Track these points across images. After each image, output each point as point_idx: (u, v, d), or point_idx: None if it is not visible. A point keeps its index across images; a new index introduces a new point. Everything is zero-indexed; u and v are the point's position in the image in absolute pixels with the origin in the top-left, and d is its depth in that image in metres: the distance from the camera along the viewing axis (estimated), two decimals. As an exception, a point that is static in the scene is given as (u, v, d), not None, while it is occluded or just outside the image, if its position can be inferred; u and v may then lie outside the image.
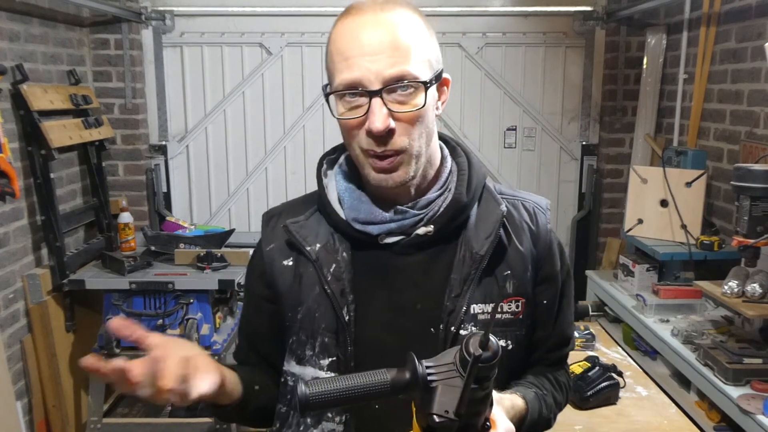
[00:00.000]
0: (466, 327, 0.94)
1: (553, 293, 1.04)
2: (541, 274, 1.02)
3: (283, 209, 1.06)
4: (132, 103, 3.27)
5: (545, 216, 1.04)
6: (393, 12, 0.88)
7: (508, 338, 0.98)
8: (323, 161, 1.05)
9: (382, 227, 0.95)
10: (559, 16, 3.40)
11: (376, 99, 0.86)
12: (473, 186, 0.98)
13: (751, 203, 1.95)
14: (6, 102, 2.47)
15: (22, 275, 2.57)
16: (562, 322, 1.07)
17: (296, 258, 1.00)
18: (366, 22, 0.87)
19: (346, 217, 0.97)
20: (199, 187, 3.54)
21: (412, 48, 0.87)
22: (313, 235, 0.99)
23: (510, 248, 0.99)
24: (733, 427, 1.98)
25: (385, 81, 0.86)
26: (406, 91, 0.87)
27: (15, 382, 2.50)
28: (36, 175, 2.56)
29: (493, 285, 0.97)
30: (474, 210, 0.99)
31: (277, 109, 3.46)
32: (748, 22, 2.53)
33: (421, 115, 0.89)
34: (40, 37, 2.74)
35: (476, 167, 1.01)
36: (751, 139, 2.51)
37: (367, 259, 0.97)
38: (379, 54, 0.86)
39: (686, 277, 2.63)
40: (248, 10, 3.34)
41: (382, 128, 0.86)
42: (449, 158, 1.02)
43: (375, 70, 0.86)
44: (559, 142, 3.54)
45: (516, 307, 0.98)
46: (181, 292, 2.59)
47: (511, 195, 1.05)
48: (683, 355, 2.23)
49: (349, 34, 0.88)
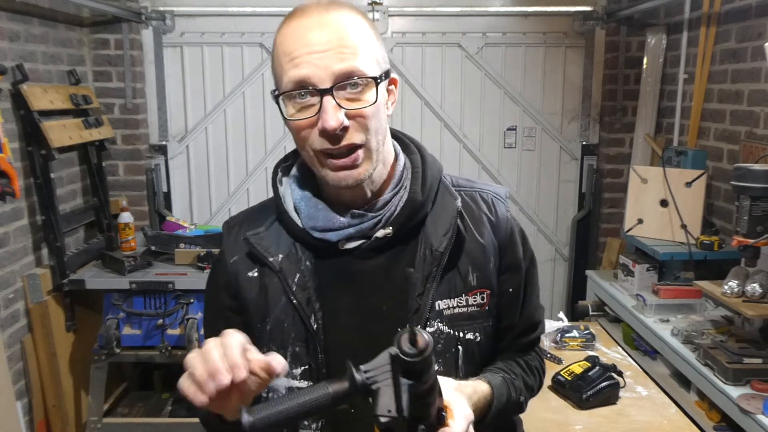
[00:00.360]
0: (432, 324, 0.95)
1: (518, 281, 1.04)
2: (504, 263, 1.02)
3: (244, 219, 1.05)
4: (132, 103, 3.27)
5: (504, 205, 1.05)
6: (338, 13, 0.89)
7: (477, 331, 0.99)
8: (278, 169, 1.04)
9: (341, 233, 0.95)
10: (559, 16, 3.40)
11: (327, 97, 0.86)
12: (428, 183, 0.98)
13: (751, 203, 1.95)
14: (6, 102, 2.47)
15: (22, 275, 2.57)
16: (528, 308, 1.07)
17: (260, 269, 0.99)
18: (312, 22, 0.87)
19: (304, 225, 0.97)
20: (199, 187, 3.54)
21: (360, 46, 0.88)
22: (275, 246, 0.98)
23: (470, 241, 0.99)
24: (733, 427, 1.98)
25: (335, 77, 0.86)
26: (357, 88, 0.87)
27: (15, 382, 2.50)
28: (36, 175, 2.56)
29: (456, 279, 0.97)
30: (431, 207, 0.99)
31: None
32: (748, 22, 2.53)
33: (374, 112, 0.89)
34: (40, 37, 2.74)
35: (430, 163, 1.01)
36: (751, 139, 2.51)
37: (330, 266, 0.97)
38: (327, 51, 0.86)
39: (686, 277, 2.63)
40: (248, 10, 3.34)
41: (335, 125, 0.85)
42: (402, 155, 1.02)
43: (323, 66, 0.85)
44: (559, 142, 3.54)
45: (482, 299, 0.99)
46: (181, 291, 2.59)
47: (468, 187, 1.05)
48: (683, 355, 2.23)
49: (295, 35, 0.87)
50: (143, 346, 2.62)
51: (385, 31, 3.37)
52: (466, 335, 0.98)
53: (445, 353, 0.97)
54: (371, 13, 3.34)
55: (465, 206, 1.01)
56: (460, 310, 0.97)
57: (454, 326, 0.97)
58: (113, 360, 2.64)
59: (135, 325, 2.62)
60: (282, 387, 0.97)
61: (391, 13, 3.36)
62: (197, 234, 2.97)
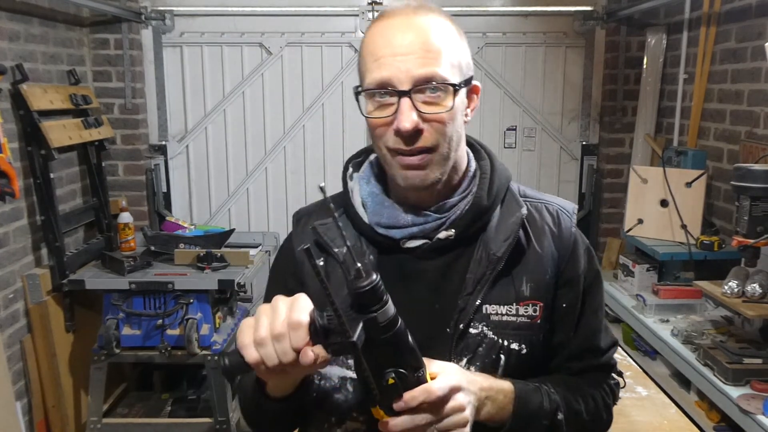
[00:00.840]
0: (476, 326, 0.95)
1: (574, 297, 1.01)
2: (563, 277, 1.00)
3: (313, 210, 1.08)
4: (132, 103, 3.27)
5: (570, 219, 1.03)
6: (425, 16, 0.90)
7: (522, 342, 0.96)
8: (349, 164, 1.06)
9: (404, 231, 0.96)
10: (559, 16, 3.40)
11: (405, 99, 0.88)
12: (494, 189, 0.99)
13: (751, 203, 1.95)
14: (6, 102, 2.47)
15: (22, 275, 2.57)
16: (585, 329, 1.03)
17: (326, 259, 1.01)
18: (398, 24, 0.90)
19: (370, 221, 0.99)
20: (199, 187, 3.54)
21: (443, 51, 0.89)
22: (340, 237, 0.98)
23: (529, 251, 0.98)
24: (733, 427, 1.98)
25: (414, 81, 0.87)
26: (435, 93, 0.89)
27: (15, 382, 2.50)
28: (36, 175, 2.56)
29: (509, 287, 0.96)
30: (496, 212, 0.99)
31: (277, 109, 3.46)
32: (748, 22, 2.52)
33: (449, 118, 0.90)
34: (40, 37, 2.74)
35: (499, 170, 1.01)
36: (751, 139, 2.51)
37: (391, 263, 0.98)
38: (409, 54, 0.87)
39: (686, 277, 2.63)
40: (248, 10, 3.34)
41: (410, 128, 0.88)
42: (473, 162, 1.02)
43: (405, 69, 0.87)
44: (559, 142, 3.54)
45: (533, 311, 0.97)
46: (180, 292, 2.59)
47: (535, 198, 1.05)
48: (683, 355, 2.23)
49: (381, 36, 0.90)
50: (143, 346, 2.62)
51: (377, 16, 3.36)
52: (511, 344, 0.96)
53: (485, 358, 0.96)
54: (371, 12, 3.34)
55: (529, 216, 1.00)
56: (508, 318, 0.96)
57: (499, 333, 0.96)
58: (113, 360, 2.64)
59: (135, 325, 2.62)
60: (335, 376, 0.98)
61: (391, 13, 3.35)
62: (197, 234, 2.97)
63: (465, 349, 0.95)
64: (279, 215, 3.55)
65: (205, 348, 2.62)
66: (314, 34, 3.39)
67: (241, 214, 3.56)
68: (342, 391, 0.98)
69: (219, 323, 2.76)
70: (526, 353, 0.97)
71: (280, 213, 3.55)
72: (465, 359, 0.95)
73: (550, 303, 0.99)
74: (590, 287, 1.03)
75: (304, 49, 3.40)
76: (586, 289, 1.03)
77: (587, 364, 1.05)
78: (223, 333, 2.75)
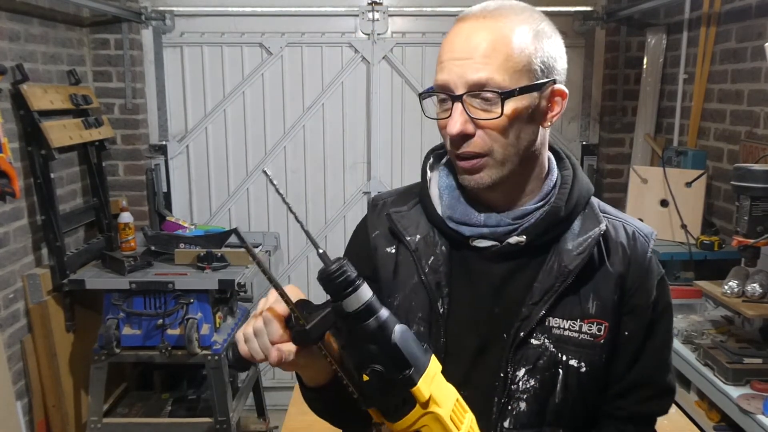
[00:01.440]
0: (538, 337, 0.94)
1: (638, 326, 0.98)
2: (630, 303, 0.97)
3: (389, 197, 1.09)
4: (132, 103, 3.27)
5: (647, 243, 1.00)
6: (497, 20, 0.89)
7: (582, 359, 0.94)
8: (430, 155, 1.06)
9: (475, 230, 0.96)
10: (559, 16, 3.40)
11: (457, 103, 0.88)
12: (574, 200, 0.97)
13: (751, 203, 1.95)
14: (6, 102, 2.47)
15: (22, 275, 2.57)
16: (646, 363, 0.99)
17: (398, 246, 1.02)
18: (466, 28, 0.89)
19: (443, 214, 0.99)
20: (199, 187, 3.54)
21: (504, 56, 0.87)
22: (414, 226, 1.01)
23: (599, 267, 0.96)
24: (733, 427, 1.98)
25: (468, 86, 0.88)
26: (488, 99, 0.88)
27: (15, 382, 2.50)
28: (36, 175, 2.56)
29: (575, 302, 0.95)
30: (575, 224, 0.97)
31: (277, 109, 3.46)
32: (748, 22, 2.53)
33: (503, 124, 0.88)
34: (40, 37, 2.74)
35: (581, 182, 0.99)
36: (751, 139, 2.51)
37: (459, 258, 0.99)
38: (467, 59, 0.87)
39: (686, 277, 2.63)
40: (248, 10, 3.34)
41: (455, 133, 0.89)
42: (555, 171, 1.01)
43: (460, 74, 0.88)
44: (559, 142, 3.54)
45: (597, 330, 0.95)
46: (181, 292, 2.59)
47: (614, 216, 1.02)
48: (683, 355, 2.23)
49: (449, 39, 0.91)
50: (143, 346, 2.62)
51: (385, 31, 3.37)
52: (570, 360, 0.94)
53: (545, 371, 0.94)
54: (371, 12, 3.34)
55: (605, 233, 0.97)
56: (570, 334, 0.94)
57: (560, 348, 0.94)
58: (113, 360, 2.64)
59: (135, 325, 2.62)
60: None
61: (391, 13, 3.36)
62: (197, 234, 2.97)
63: (524, 360, 0.94)
64: (279, 215, 3.55)
65: (206, 348, 2.62)
66: (314, 34, 3.39)
67: (241, 214, 3.56)
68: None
69: (219, 323, 2.76)
70: (585, 372, 0.95)
71: (280, 213, 3.55)
72: (524, 369, 0.94)
73: (615, 325, 0.96)
74: (658, 320, 1.00)
75: (304, 49, 3.40)
76: (654, 322, 0.99)
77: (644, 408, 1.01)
78: (223, 333, 2.75)
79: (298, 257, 3.59)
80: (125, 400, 3.05)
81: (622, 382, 1.00)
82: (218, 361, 2.61)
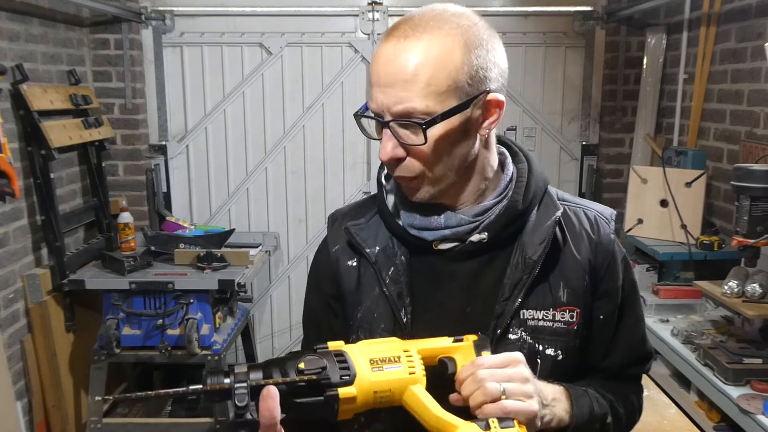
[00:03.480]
0: (515, 331, 0.95)
1: (612, 308, 1.01)
2: (601, 288, 0.99)
3: (347, 211, 1.10)
4: (132, 103, 3.27)
5: (608, 226, 1.01)
6: (419, 38, 0.86)
7: (559, 348, 0.96)
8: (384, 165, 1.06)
9: (437, 233, 0.96)
10: (559, 16, 3.40)
11: (386, 129, 0.89)
12: (531, 192, 0.98)
13: (751, 203, 1.95)
14: (6, 102, 2.47)
15: (22, 275, 2.57)
16: (625, 342, 1.03)
17: (359, 259, 1.03)
18: (389, 50, 0.87)
19: (403, 222, 0.99)
20: (199, 187, 3.54)
21: (425, 82, 0.85)
22: (373, 238, 1.01)
23: (566, 255, 0.97)
24: (733, 427, 1.98)
25: (392, 114, 0.88)
26: (413, 126, 0.88)
27: (15, 382, 2.50)
28: (36, 175, 2.56)
29: (546, 292, 0.96)
30: (532, 216, 0.98)
31: (277, 109, 3.46)
32: (748, 22, 2.52)
33: (431, 148, 0.89)
34: (40, 37, 2.74)
35: (536, 173, 1.00)
36: (751, 139, 2.51)
37: (423, 264, 0.99)
38: (390, 87, 0.86)
39: (686, 277, 2.63)
40: (248, 10, 3.34)
41: (385, 159, 0.90)
42: (510, 165, 1.01)
43: (385, 103, 0.87)
44: (559, 142, 3.54)
45: (570, 317, 0.96)
46: (181, 292, 2.59)
47: (572, 202, 1.04)
48: (683, 355, 2.23)
49: (375, 61, 0.90)
50: (143, 346, 2.62)
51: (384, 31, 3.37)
52: (547, 350, 0.96)
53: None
54: (371, 12, 3.34)
55: (566, 220, 0.99)
56: (545, 324, 0.95)
57: (536, 338, 0.95)
58: (113, 360, 2.64)
59: (135, 325, 2.62)
60: None
61: (391, 13, 3.36)
62: (197, 234, 2.97)
63: None
64: (279, 215, 3.55)
65: (205, 348, 2.62)
66: (314, 34, 3.39)
67: (241, 214, 3.56)
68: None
69: (219, 323, 2.76)
70: (561, 359, 0.96)
71: (280, 213, 3.55)
72: None
73: (587, 310, 0.98)
74: (628, 299, 1.03)
75: (304, 49, 3.40)
76: (625, 301, 1.02)
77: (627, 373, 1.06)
78: (223, 333, 2.75)
79: (298, 257, 3.59)
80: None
81: (604, 362, 1.03)
82: (218, 361, 2.61)
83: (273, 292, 3.63)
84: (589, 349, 1.01)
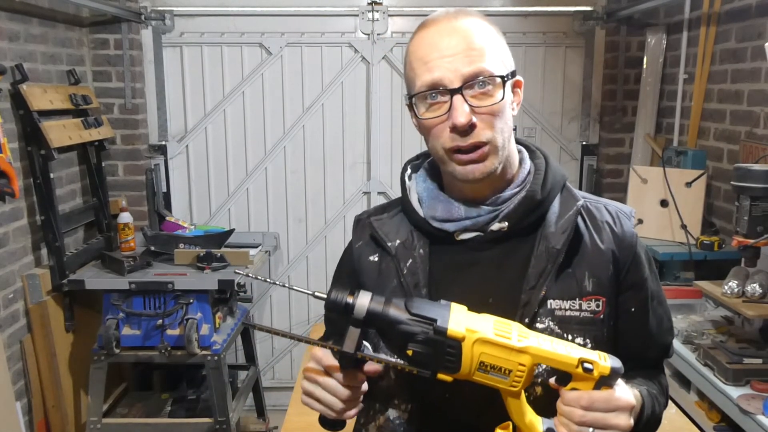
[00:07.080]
0: (543, 321, 0.96)
1: (642, 300, 1.04)
2: (627, 280, 1.03)
3: (371, 212, 1.15)
4: (132, 103, 3.27)
5: (630, 222, 1.06)
6: (465, 19, 0.96)
7: (587, 337, 0.98)
8: (407, 166, 1.12)
9: (458, 224, 1.00)
10: (559, 16, 3.40)
11: (457, 96, 0.92)
12: (549, 184, 1.02)
13: (751, 203, 1.95)
14: (5, 102, 2.47)
15: (22, 275, 2.57)
16: (660, 333, 1.08)
17: (380, 254, 1.07)
18: (441, 29, 0.96)
19: (425, 215, 1.03)
20: (199, 187, 3.54)
21: (486, 48, 0.94)
22: (394, 232, 1.06)
23: (589, 245, 1.00)
24: (733, 427, 1.98)
25: (464, 78, 0.92)
26: (484, 88, 0.93)
27: (15, 382, 2.50)
28: (36, 175, 2.56)
29: (571, 281, 0.98)
30: (554, 206, 1.01)
31: (277, 109, 3.46)
32: (748, 22, 2.52)
33: (500, 110, 0.94)
34: (40, 37, 2.74)
35: (554, 168, 1.05)
36: (751, 139, 2.51)
37: (445, 255, 1.02)
38: (456, 55, 0.93)
39: (686, 277, 2.63)
40: (248, 10, 3.34)
41: (464, 122, 0.92)
42: (528, 160, 1.06)
43: (453, 68, 0.92)
44: (559, 142, 3.54)
45: (596, 306, 0.99)
46: (180, 292, 2.59)
47: (593, 199, 1.07)
48: (683, 355, 2.23)
49: (428, 42, 0.96)
50: (143, 346, 2.62)
51: (384, 31, 3.37)
52: (576, 339, 0.97)
53: None
54: (371, 12, 3.34)
55: (588, 212, 1.03)
56: (572, 314, 0.97)
57: (564, 328, 0.97)
58: (113, 360, 2.64)
59: (134, 325, 2.62)
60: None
61: (391, 13, 3.36)
62: (197, 234, 2.97)
63: None
64: (279, 215, 3.55)
65: (205, 348, 2.62)
66: (314, 34, 3.39)
67: (240, 214, 3.56)
68: (385, 379, 1.03)
69: (219, 323, 2.76)
70: (590, 348, 0.97)
71: (280, 213, 3.55)
72: None
73: (613, 299, 1.01)
74: (657, 291, 1.07)
75: (304, 49, 3.40)
76: (654, 294, 1.06)
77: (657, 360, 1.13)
78: (223, 333, 2.75)
79: (298, 257, 3.59)
80: (125, 400, 3.05)
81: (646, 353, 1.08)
82: (217, 361, 2.61)
83: (273, 292, 3.63)
84: (626, 341, 1.03)
